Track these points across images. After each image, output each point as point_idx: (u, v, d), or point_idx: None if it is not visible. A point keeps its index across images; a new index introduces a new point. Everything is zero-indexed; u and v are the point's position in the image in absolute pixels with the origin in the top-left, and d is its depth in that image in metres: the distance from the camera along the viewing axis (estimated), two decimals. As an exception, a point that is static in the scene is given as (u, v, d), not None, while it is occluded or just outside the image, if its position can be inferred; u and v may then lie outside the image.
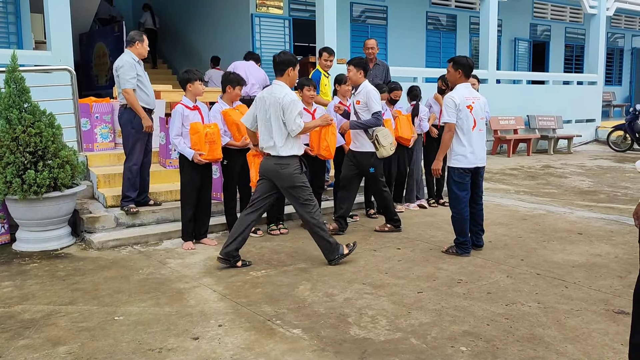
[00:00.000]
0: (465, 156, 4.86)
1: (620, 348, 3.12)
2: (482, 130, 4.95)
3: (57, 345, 3.22)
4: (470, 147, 4.85)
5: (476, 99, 4.91)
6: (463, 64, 4.91)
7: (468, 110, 4.82)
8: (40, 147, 5.00)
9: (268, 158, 4.64)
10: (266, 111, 4.57)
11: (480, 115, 4.90)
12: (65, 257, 4.98)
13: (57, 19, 6.84)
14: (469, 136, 4.83)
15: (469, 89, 4.97)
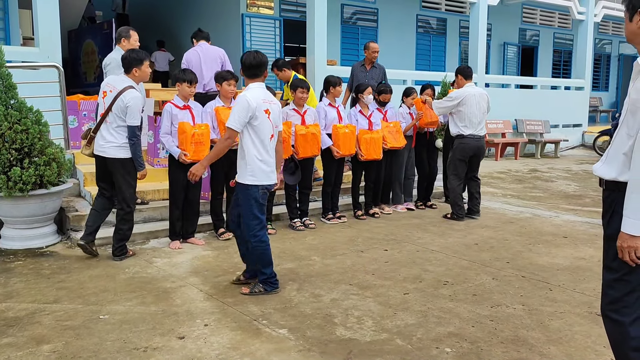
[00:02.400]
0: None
1: (603, 350, 3.16)
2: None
3: (41, 343, 3.20)
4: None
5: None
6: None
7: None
8: (27, 144, 4.96)
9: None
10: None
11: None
12: (50, 255, 4.94)
13: (46, 15, 6.79)
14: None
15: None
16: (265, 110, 3.90)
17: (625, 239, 2.20)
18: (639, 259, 2.21)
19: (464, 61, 15.16)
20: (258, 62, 3.96)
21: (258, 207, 3.95)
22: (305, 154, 5.85)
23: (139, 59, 4.65)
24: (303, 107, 6.02)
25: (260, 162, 3.91)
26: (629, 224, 2.17)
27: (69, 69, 11.12)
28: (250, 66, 3.96)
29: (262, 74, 4.01)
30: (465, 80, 6.62)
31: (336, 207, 6.48)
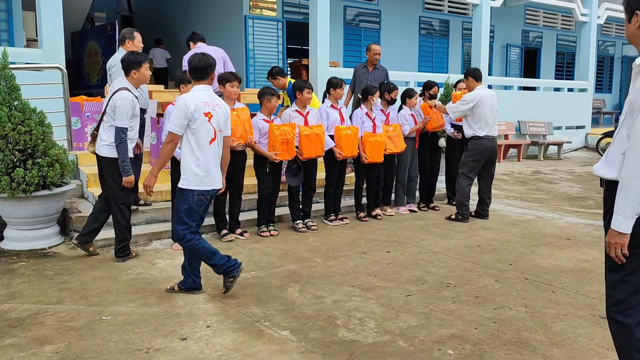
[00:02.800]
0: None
1: (606, 353, 3.15)
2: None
3: (44, 344, 3.20)
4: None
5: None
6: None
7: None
8: (30, 145, 4.97)
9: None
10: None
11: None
12: (53, 256, 4.95)
13: (49, 17, 6.81)
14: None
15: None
16: (205, 113, 3.80)
17: (612, 235, 2.25)
18: (625, 256, 2.24)
19: (466, 63, 15.15)
20: (204, 64, 3.88)
21: (188, 212, 3.83)
22: (309, 154, 5.86)
23: (138, 62, 4.67)
24: (305, 108, 6.03)
25: (195, 166, 3.80)
26: (617, 220, 2.21)
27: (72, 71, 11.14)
28: (196, 69, 3.88)
29: (208, 76, 3.92)
30: (476, 82, 6.66)
31: (338, 209, 6.48)
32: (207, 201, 3.92)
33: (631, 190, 2.16)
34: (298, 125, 5.86)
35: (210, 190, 3.90)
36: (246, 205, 6.25)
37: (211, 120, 3.83)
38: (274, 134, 5.55)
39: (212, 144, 3.86)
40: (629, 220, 2.19)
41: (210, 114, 3.83)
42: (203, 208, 3.91)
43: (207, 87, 3.92)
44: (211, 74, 3.94)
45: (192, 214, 3.85)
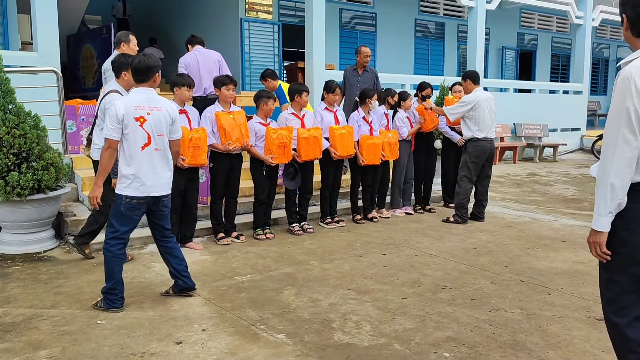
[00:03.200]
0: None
1: (601, 355, 3.15)
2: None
3: (38, 349, 3.19)
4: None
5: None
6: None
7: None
8: (25, 148, 4.96)
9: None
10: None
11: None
12: (48, 260, 4.93)
13: (44, 20, 6.80)
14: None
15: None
16: (137, 117, 3.67)
17: (591, 234, 2.31)
18: (610, 255, 2.27)
19: (462, 65, 15.19)
20: (144, 66, 3.75)
21: (117, 216, 3.74)
22: (307, 156, 5.86)
23: (128, 63, 4.64)
24: (302, 111, 6.03)
25: (126, 171, 3.71)
26: (594, 219, 2.28)
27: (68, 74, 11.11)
28: (135, 70, 3.77)
29: (150, 78, 3.78)
30: (473, 85, 6.71)
31: (334, 212, 6.48)
32: (140, 207, 3.75)
33: (602, 188, 2.22)
34: (296, 128, 5.86)
35: (144, 196, 3.73)
36: (242, 208, 6.24)
37: (144, 125, 3.69)
38: (271, 137, 5.55)
39: (145, 149, 3.71)
40: (603, 218, 2.24)
41: (143, 119, 3.69)
42: (136, 214, 3.76)
43: (146, 89, 3.78)
44: (153, 76, 3.79)
45: (121, 217, 3.74)
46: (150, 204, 3.80)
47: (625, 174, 2.18)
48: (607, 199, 2.21)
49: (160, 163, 3.80)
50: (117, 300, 3.78)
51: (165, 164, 3.83)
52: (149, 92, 3.79)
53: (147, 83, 3.80)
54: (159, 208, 3.85)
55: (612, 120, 2.22)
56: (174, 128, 3.90)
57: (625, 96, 2.17)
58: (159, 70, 3.84)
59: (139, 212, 3.78)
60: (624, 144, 2.17)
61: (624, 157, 2.17)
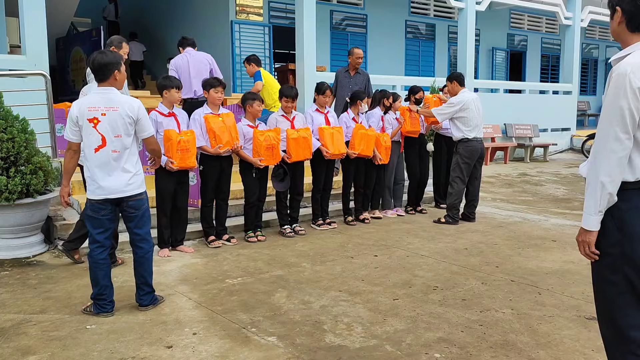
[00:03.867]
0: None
1: (591, 354, 3.17)
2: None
3: (27, 354, 3.16)
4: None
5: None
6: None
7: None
8: (13, 152, 4.92)
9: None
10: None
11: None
12: (37, 265, 4.89)
13: (32, 23, 6.75)
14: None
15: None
16: (90, 119, 3.55)
17: (580, 233, 2.29)
18: (597, 254, 2.26)
19: (453, 66, 15.25)
20: (99, 64, 3.58)
21: (89, 219, 3.69)
22: (297, 157, 5.85)
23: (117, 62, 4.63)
24: (291, 113, 6.03)
25: (87, 174, 3.67)
26: (584, 218, 2.25)
27: (57, 77, 11.05)
28: (93, 70, 3.62)
29: (109, 77, 3.61)
30: (460, 86, 6.76)
31: (326, 213, 6.48)
32: (103, 207, 3.65)
33: (591, 186, 2.20)
34: (285, 129, 5.86)
35: (100, 199, 3.62)
36: (233, 210, 6.22)
37: (97, 127, 3.55)
38: (258, 139, 5.54)
39: (99, 151, 3.58)
40: (592, 217, 2.21)
41: (97, 120, 3.55)
42: (102, 214, 3.65)
43: (104, 89, 3.61)
44: (112, 74, 3.61)
45: (90, 220, 3.69)
46: (115, 204, 3.69)
47: (616, 174, 2.15)
48: (597, 197, 2.18)
49: (118, 165, 3.63)
50: (106, 305, 3.74)
51: (125, 165, 3.66)
52: (108, 91, 3.62)
53: (107, 82, 3.63)
54: (124, 209, 3.72)
55: (605, 118, 2.18)
56: (140, 127, 3.69)
57: (619, 95, 2.12)
58: (118, 68, 3.64)
59: (105, 212, 3.66)
60: (616, 142, 2.13)
61: (615, 156, 2.14)
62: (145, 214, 3.81)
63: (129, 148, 3.68)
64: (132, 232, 3.80)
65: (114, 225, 3.80)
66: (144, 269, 3.84)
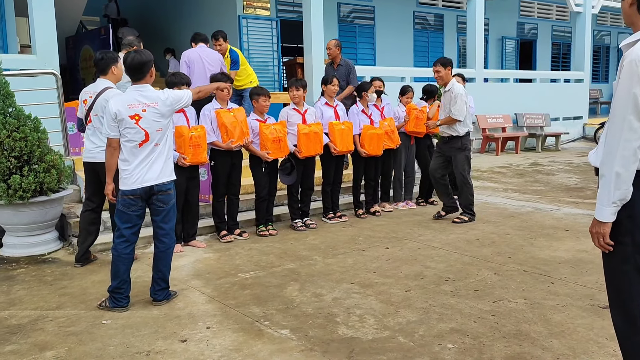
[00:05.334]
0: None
1: (605, 342, 3.16)
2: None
3: (44, 350, 3.21)
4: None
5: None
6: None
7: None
8: (26, 151, 4.97)
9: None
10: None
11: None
12: (52, 262, 4.96)
13: (42, 23, 6.80)
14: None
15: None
16: (131, 116, 3.67)
17: (594, 224, 2.25)
18: (611, 245, 2.23)
19: (462, 56, 15.15)
20: (137, 63, 3.72)
21: (119, 214, 3.78)
22: (308, 152, 5.86)
23: (114, 58, 4.72)
24: (303, 105, 6.03)
25: (124, 167, 3.74)
26: (597, 209, 2.21)
27: (67, 76, 11.14)
28: (130, 69, 3.75)
29: (145, 75, 3.77)
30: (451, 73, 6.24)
31: (337, 206, 6.49)
32: (134, 202, 3.75)
33: (606, 177, 2.15)
34: (296, 123, 5.86)
35: (135, 189, 3.72)
36: (244, 205, 6.25)
37: (139, 122, 3.68)
38: (264, 133, 5.55)
39: (143, 145, 3.71)
40: (606, 208, 2.16)
41: (139, 116, 3.68)
42: (132, 209, 3.75)
43: (140, 86, 3.76)
44: (148, 72, 3.77)
45: (120, 214, 3.77)
46: (145, 199, 3.78)
47: (631, 163, 2.09)
48: (611, 188, 2.13)
49: (158, 156, 3.78)
50: (122, 299, 3.80)
51: (161, 155, 3.79)
52: (144, 88, 3.76)
53: (142, 80, 3.77)
54: (153, 202, 3.80)
55: (617, 106, 2.12)
56: (184, 105, 3.95)
57: (632, 81, 2.06)
58: (152, 65, 3.80)
59: (135, 208, 3.76)
60: (630, 132, 2.07)
61: (630, 145, 2.08)
62: (172, 209, 3.90)
63: (168, 139, 3.85)
64: (158, 225, 3.87)
65: (141, 221, 3.88)
66: (163, 264, 3.91)
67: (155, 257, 3.92)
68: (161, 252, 3.90)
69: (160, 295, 3.90)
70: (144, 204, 3.81)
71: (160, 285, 3.91)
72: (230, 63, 7.26)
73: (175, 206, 3.95)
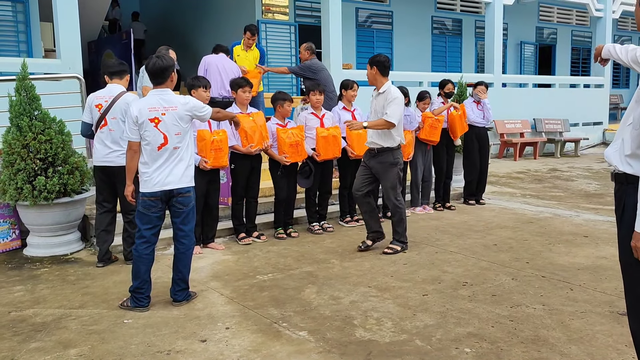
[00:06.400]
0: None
1: (624, 349, 3.14)
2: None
3: (68, 347, 3.28)
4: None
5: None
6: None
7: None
8: (50, 153, 5.09)
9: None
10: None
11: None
12: (75, 262, 5.05)
13: (66, 28, 6.96)
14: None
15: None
16: (151, 119, 3.74)
17: (636, 238, 2.18)
18: None
19: (480, 61, 15.10)
20: (159, 68, 3.80)
21: (139, 215, 3.85)
22: (326, 155, 5.91)
23: (129, 68, 5.03)
24: (321, 110, 6.08)
25: (144, 171, 3.81)
26: (638, 222, 2.14)
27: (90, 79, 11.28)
28: (152, 74, 3.82)
29: (166, 79, 3.83)
30: (383, 76, 5.24)
31: (354, 210, 6.51)
32: (155, 204, 3.82)
33: None
34: (315, 127, 5.91)
35: (157, 192, 3.79)
36: (262, 208, 6.30)
37: (159, 126, 3.75)
38: (281, 137, 5.60)
39: (162, 149, 3.78)
40: None
41: (158, 119, 3.75)
42: (152, 211, 3.82)
43: (161, 91, 3.83)
44: (169, 77, 3.84)
45: (140, 215, 3.84)
46: (165, 201, 3.84)
47: None
48: None
49: (177, 160, 3.83)
50: (143, 299, 3.87)
51: (182, 160, 3.85)
52: (165, 92, 3.84)
53: (162, 85, 3.84)
54: (173, 204, 3.86)
55: None
56: (201, 115, 3.96)
57: None
58: (173, 70, 3.88)
59: (155, 210, 3.83)
60: None
61: None
62: (192, 211, 3.96)
63: (188, 142, 3.90)
64: (177, 227, 3.94)
65: (161, 223, 3.95)
66: (183, 265, 3.96)
67: (175, 258, 3.99)
68: (181, 254, 3.97)
69: (180, 295, 3.96)
70: (164, 205, 3.88)
71: (180, 286, 3.97)
72: (260, 57, 7.65)
73: (194, 208, 4.01)
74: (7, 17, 8.76)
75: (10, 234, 5.43)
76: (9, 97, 5.16)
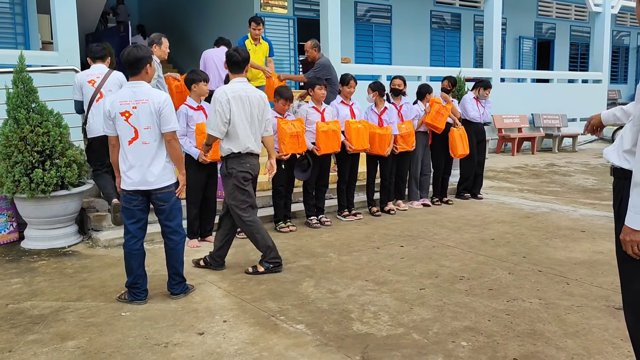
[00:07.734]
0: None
1: (620, 343, 3.16)
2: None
3: (66, 340, 3.29)
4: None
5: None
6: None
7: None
8: (48, 146, 5.08)
9: (255, 158, 4.50)
10: (252, 111, 4.36)
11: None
12: (72, 255, 5.06)
13: (64, 20, 6.93)
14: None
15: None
16: (122, 112, 3.64)
17: (627, 232, 2.18)
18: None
19: (479, 56, 15.07)
20: (133, 58, 3.66)
21: (123, 210, 3.81)
22: (326, 149, 5.91)
23: (110, 53, 5.13)
24: (322, 104, 6.08)
25: (121, 166, 3.76)
26: (630, 217, 2.14)
27: (87, 72, 11.28)
28: (126, 63, 3.68)
29: (141, 70, 3.69)
30: (234, 74, 4.48)
31: (352, 204, 6.52)
32: (134, 198, 3.76)
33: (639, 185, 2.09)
34: (316, 121, 5.91)
35: (131, 190, 3.73)
36: (260, 202, 6.29)
37: (129, 120, 3.64)
38: (282, 128, 5.59)
39: (132, 143, 3.68)
40: (639, 216, 2.10)
41: (129, 113, 3.64)
42: (134, 204, 3.76)
43: (135, 83, 3.71)
44: (144, 68, 3.70)
45: (125, 210, 3.81)
46: (146, 195, 3.79)
47: None
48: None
49: (149, 156, 3.71)
50: (140, 293, 3.87)
51: (156, 157, 3.72)
52: (139, 85, 3.71)
53: (138, 75, 3.72)
54: (153, 201, 3.81)
55: None
56: (163, 119, 3.69)
57: None
58: (149, 62, 3.73)
59: (136, 203, 3.77)
60: None
61: None
62: (174, 207, 3.88)
63: (160, 140, 3.75)
64: (163, 224, 3.91)
65: (145, 216, 3.90)
66: (175, 259, 3.95)
67: (166, 254, 3.97)
68: (171, 249, 3.94)
69: (177, 289, 3.97)
70: (145, 198, 3.81)
71: (176, 279, 3.97)
72: (269, 50, 7.72)
73: (179, 202, 3.91)
74: (5, 9, 8.72)
75: (8, 226, 5.42)
76: (6, 89, 5.14)
